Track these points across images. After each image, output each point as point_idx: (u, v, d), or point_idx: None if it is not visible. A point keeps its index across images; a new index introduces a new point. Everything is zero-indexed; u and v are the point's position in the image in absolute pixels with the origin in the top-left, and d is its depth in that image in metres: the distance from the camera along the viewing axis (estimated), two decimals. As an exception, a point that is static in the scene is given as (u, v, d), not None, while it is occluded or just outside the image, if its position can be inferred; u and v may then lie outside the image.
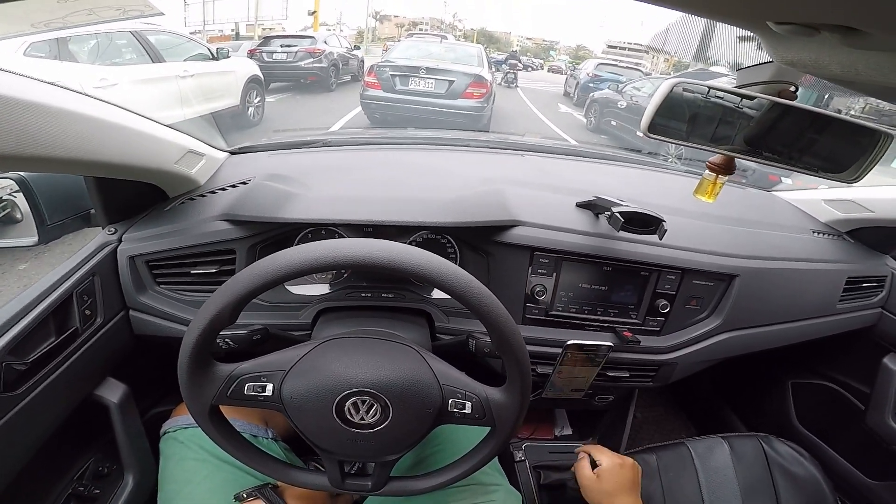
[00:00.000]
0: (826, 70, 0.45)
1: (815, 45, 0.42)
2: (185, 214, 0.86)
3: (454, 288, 0.52)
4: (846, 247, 1.12)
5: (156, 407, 1.03)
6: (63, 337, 0.73)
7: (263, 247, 0.86)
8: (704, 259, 0.91)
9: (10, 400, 0.65)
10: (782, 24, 0.38)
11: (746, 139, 0.62)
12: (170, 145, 0.83)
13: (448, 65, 5.68)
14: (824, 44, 0.41)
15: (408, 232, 0.89)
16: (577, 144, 3.23)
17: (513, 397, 0.59)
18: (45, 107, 0.56)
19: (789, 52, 0.46)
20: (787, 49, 0.46)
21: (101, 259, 0.79)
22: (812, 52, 0.43)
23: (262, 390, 0.56)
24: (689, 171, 1.34)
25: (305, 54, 7.84)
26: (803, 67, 0.48)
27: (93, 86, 3.48)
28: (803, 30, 0.37)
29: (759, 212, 1.15)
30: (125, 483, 0.88)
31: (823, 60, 0.43)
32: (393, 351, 0.60)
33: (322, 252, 0.50)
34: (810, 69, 0.47)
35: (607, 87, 7.75)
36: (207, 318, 0.51)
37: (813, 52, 0.43)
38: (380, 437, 0.57)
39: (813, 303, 1.06)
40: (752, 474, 0.95)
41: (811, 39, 0.39)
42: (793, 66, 0.48)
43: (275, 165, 1.03)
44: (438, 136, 1.61)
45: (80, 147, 0.62)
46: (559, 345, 0.87)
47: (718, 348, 0.98)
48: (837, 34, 0.36)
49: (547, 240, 0.86)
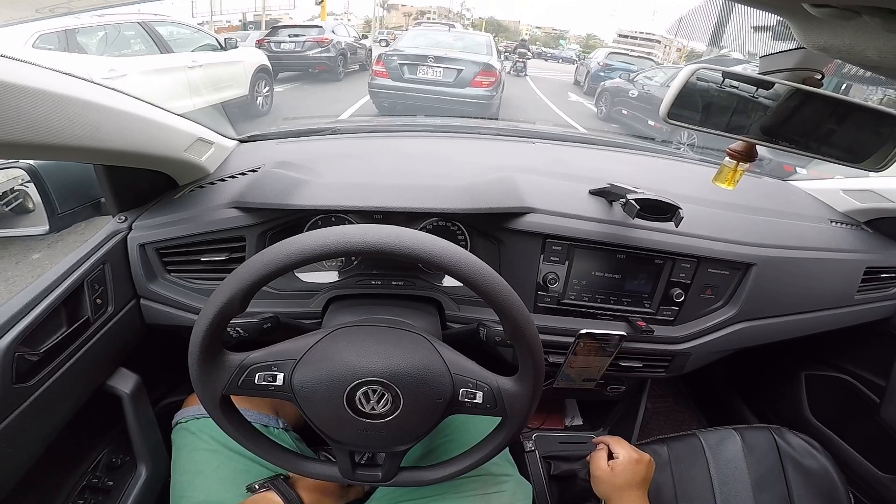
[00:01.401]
0: (861, 56, 0.43)
1: (851, 29, 0.40)
2: (195, 202, 0.86)
3: (467, 275, 0.51)
4: (865, 237, 1.10)
5: (167, 397, 1.03)
6: (75, 326, 0.73)
7: (273, 234, 0.85)
8: (721, 247, 0.90)
9: (23, 391, 0.65)
10: (821, 7, 0.36)
11: (763, 129, 0.61)
12: (179, 133, 0.82)
13: (456, 53, 5.63)
14: (862, 28, 0.39)
15: (418, 219, 0.89)
16: (589, 132, 3.19)
17: (525, 387, 0.58)
18: (55, 95, 0.55)
19: (822, 36, 0.44)
20: (820, 34, 0.44)
21: (111, 247, 0.79)
22: (847, 37, 0.42)
23: (273, 380, 0.56)
24: (703, 159, 1.32)
25: (313, 44, 7.82)
26: (836, 53, 0.46)
27: (102, 77, 3.47)
28: (843, 13, 0.35)
29: (776, 201, 1.13)
30: (138, 474, 0.88)
31: (859, 46, 0.41)
32: (404, 339, 0.60)
33: (333, 238, 0.49)
34: (843, 55, 0.45)
35: (618, 76, 7.66)
36: (218, 307, 0.50)
37: (848, 37, 0.42)
38: (390, 428, 0.57)
39: (830, 293, 1.04)
40: (763, 466, 0.94)
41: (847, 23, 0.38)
42: (824, 51, 0.46)
43: (284, 153, 1.03)
44: (448, 123, 1.60)
45: (90, 135, 0.62)
46: (571, 334, 0.86)
47: (733, 339, 0.97)
48: (878, 18, 0.34)
49: (559, 227, 0.85)
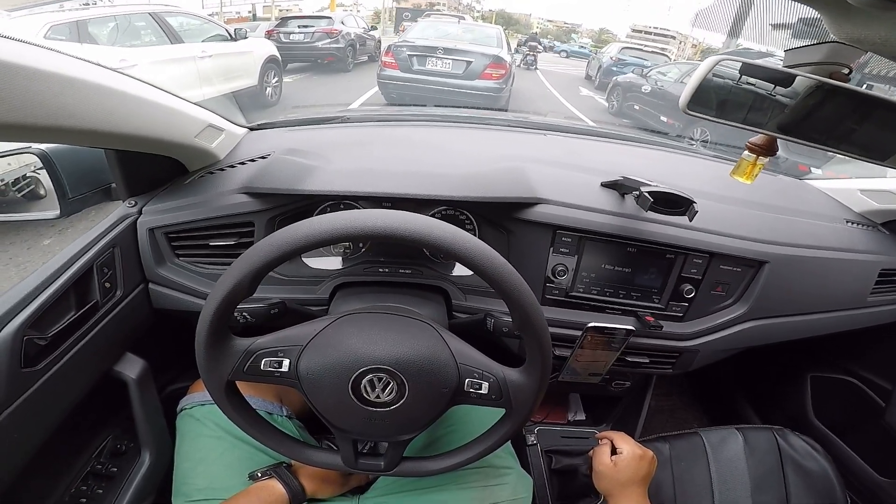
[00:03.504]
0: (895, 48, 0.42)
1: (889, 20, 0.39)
2: (205, 187, 0.86)
3: (477, 262, 0.50)
4: (881, 238, 1.08)
5: (173, 383, 1.03)
6: (84, 310, 0.73)
7: (282, 220, 0.85)
8: (734, 244, 0.88)
9: (31, 375, 0.65)
10: None
11: (780, 126, 0.60)
12: (190, 119, 0.82)
13: (466, 45, 5.57)
14: None
15: (427, 206, 0.88)
16: (601, 126, 3.15)
17: (531, 379, 0.58)
18: (68, 78, 0.55)
19: (857, 28, 0.43)
20: (855, 25, 0.43)
21: (121, 231, 0.79)
22: (884, 29, 0.40)
23: (279, 366, 0.55)
24: (718, 156, 1.30)
25: (322, 35, 7.80)
26: (869, 45, 0.45)
27: (112, 66, 3.51)
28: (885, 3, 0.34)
29: (791, 199, 1.11)
30: (142, 460, 0.88)
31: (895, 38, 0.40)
32: (411, 328, 0.59)
33: (342, 222, 0.49)
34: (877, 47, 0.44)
35: (631, 71, 7.57)
36: (227, 289, 0.50)
37: (885, 29, 0.40)
38: (395, 416, 0.56)
39: (843, 294, 1.02)
40: (763, 467, 0.94)
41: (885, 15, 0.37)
42: (858, 43, 0.45)
43: (294, 140, 1.02)
44: (458, 114, 1.58)
45: (102, 119, 0.62)
46: (578, 327, 0.86)
47: (742, 337, 0.96)
48: None
49: (570, 218, 0.84)
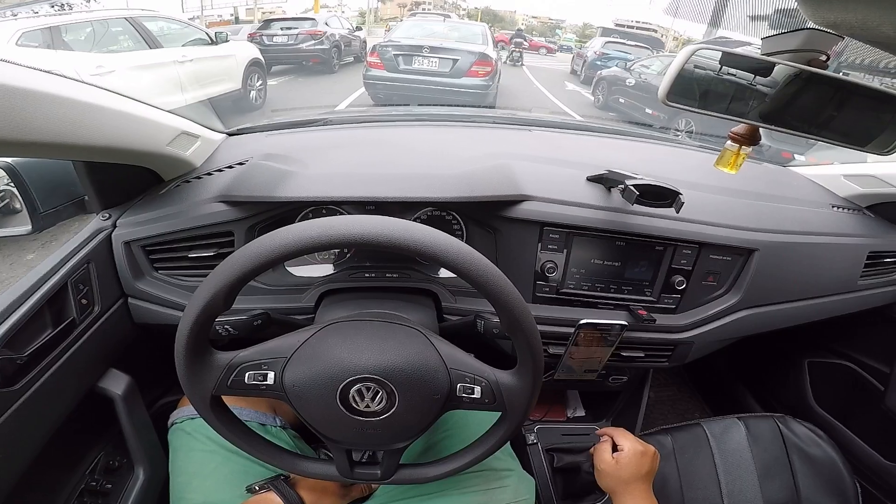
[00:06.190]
0: (874, 32, 0.40)
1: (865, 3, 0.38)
2: (181, 197, 0.83)
3: (459, 265, 0.49)
4: (867, 221, 1.09)
5: (163, 398, 1.02)
6: (60, 328, 0.71)
7: (262, 228, 0.83)
8: (722, 233, 0.88)
9: (10, 395, 0.64)
10: None
11: (762, 115, 0.60)
12: (161, 127, 0.80)
13: (452, 43, 5.59)
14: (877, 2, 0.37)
15: (412, 208, 0.87)
16: (586, 120, 3.15)
17: (524, 380, 0.56)
18: (28, 91, 0.53)
19: (833, 11, 0.42)
20: (831, 8, 0.41)
21: (95, 245, 0.77)
22: (861, 12, 0.39)
23: (264, 379, 0.54)
24: (703, 146, 1.30)
25: (306, 36, 7.78)
26: (847, 30, 0.43)
27: (89, 73, 3.46)
28: None
29: (777, 186, 1.11)
30: (136, 476, 0.87)
31: (873, 21, 0.39)
32: (398, 334, 0.58)
33: (316, 231, 0.47)
34: (855, 31, 0.42)
35: (615, 64, 7.61)
36: (200, 306, 0.48)
37: (861, 12, 0.39)
38: (386, 425, 0.55)
39: (834, 278, 1.02)
40: (768, 455, 0.93)
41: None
42: (834, 28, 0.44)
43: (273, 145, 1.00)
44: (443, 112, 1.57)
45: (66, 131, 0.59)
46: (571, 324, 0.85)
47: (736, 326, 0.95)
48: None
49: (557, 214, 0.83)
